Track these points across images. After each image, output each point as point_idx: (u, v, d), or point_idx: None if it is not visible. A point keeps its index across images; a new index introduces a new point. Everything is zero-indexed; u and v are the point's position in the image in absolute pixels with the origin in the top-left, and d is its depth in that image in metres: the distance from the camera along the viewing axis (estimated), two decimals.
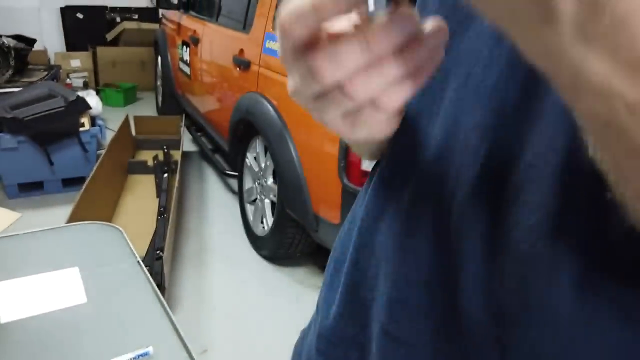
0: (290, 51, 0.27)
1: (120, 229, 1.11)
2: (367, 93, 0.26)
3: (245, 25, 2.55)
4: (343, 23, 0.25)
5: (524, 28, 0.21)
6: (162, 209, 2.48)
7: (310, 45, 0.26)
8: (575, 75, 0.20)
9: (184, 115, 3.76)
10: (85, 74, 5.23)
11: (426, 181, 0.39)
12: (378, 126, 0.34)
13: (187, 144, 3.75)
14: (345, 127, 0.31)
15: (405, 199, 0.41)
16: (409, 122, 0.40)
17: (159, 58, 4.49)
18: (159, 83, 4.69)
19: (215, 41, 3.00)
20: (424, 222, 0.38)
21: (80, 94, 3.06)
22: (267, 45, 2.29)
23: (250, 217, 2.55)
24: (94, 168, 2.45)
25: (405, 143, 0.41)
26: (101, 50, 5.35)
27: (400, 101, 0.28)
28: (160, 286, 1.76)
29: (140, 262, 1.00)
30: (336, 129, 0.32)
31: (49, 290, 0.88)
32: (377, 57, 0.25)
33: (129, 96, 5.24)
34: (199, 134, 3.56)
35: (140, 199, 2.77)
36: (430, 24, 0.28)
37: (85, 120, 2.87)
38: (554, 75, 0.21)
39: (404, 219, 0.41)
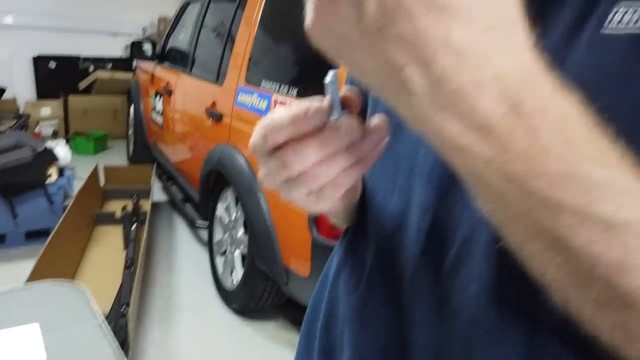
0: (267, 150, 0.33)
1: (84, 287, 1.08)
2: (327, 177, 0.33)
3: (218, 77, 2.60)
4: (306, 127, 0.32)
5: (393, 98, 0.25)
6: (129, 261, 2.42)
7: (281, 144, 0.33)
8: (440, 138, 0.24)
9: (155, 165, 3.74)
10: (56, 122, 5.19)
11: (383, 254, 0.44)
12: (337, 200, 0.39)
13: (158, 193, 3.71)
14: (310, 202, 0.36)
15: (365, 268, 0.46)
16: (370, 197, 0.46)
17: (132, 107, 4.50)
18: (130, 132, 4.68)
19: (189, 92, 3.04)
20: (381, 291, 0.43)
21: (50, 143, 3.03)
22: (239, 99, 2.33)
23: (220, 269, 2.52)
24: (60, 220, 2.39)
25: (367, 217, 0.47)
26: (73, 99, 5.34)
27: (351, 182, 0.34)
28: (125, 344, 1.70)
29: (103, 323, 0.98)
30: (302, 205, 0.37)
31: (8, 348, 0.85)
32: (333, 152, 0.32)
33: (100, 144, 5.20)
34: (169, 183, 3.54)
35: (107, 252, 2.71)
36: (374, 121, 0.33)
37: (52, 171, 2.83)
38: (429, 138, 0.25)
39: (363, 288, 0.45)
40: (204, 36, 3.05)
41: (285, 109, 0.33)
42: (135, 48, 3.79)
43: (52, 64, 5.57)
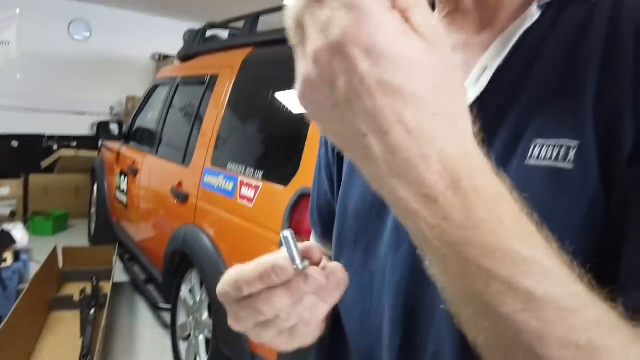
0: (237, 299, 0.38)
1: None
2: (296, 318, 0.38)
3: (185, 158, 2.63)
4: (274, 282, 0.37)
5: (357, 160, 0.29)
6: (85, 350, 2.29)
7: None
8: (393, 200, 0.28)
9: (117, 244, 3.65)
10: (14, 201, 5.05)
11: None
12: (308, 336, 0.43)
13: (119, 274, 3.59)
14: (282, 341, 0.40)
15: None
16: (348, 314, 0.51)
17: (95, 185, 4.45)
18: (93, 210, 4.59)
19: (155, 172, 3.05)
20: None
21: (6, 225, 2.94)
22: (205, 179, 2.35)
23: (183, 354, 2.41)
24: (13, 307, 2.27)
25: (345, 333, 0.52)
26: (34, 178, 5.24)
27: (322, 316, 0.39)
28: None
29: None
30: (275, 344, 0.41)
31: None
32: (300, 297, 0.37)
33: (60, 224, 5.06)
34: (131, 263, 3.45)
35: (63, 340, 2.56)
36: (334, 265, 0.39)
37: (8, 255, 2.73)
38: (387, 199, 0.29)
39: None
40: (172, 117, 3.11)
41: (254, 263, 0.38)
42: (102, 128, 3.82)
43: (15, 143, 5.51)
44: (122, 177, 3.59)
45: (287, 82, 1.62)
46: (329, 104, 0.28)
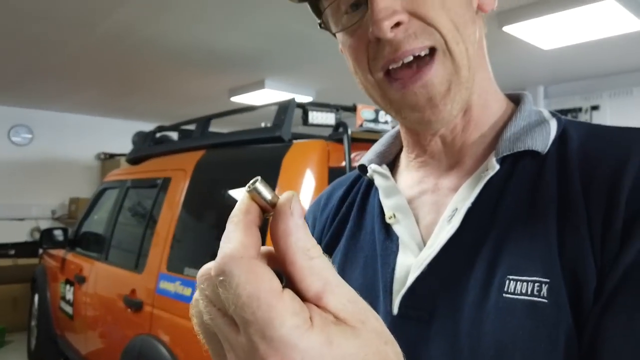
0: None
1: None
2: None
3: (137, 264, 2.54)
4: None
5: None
6: None
7: None
8: None
9: None
10: None
11: None
12: None
13: None
14: None
15: None
16: None
17: (37, 296, 4.17)
18: (33, 323, 4.26)
19: (104, 280, 2.91)
20: None
21: None
22: (161, 286, 2.28)
23: None
24: None
25: None
26: None
27: None
28: None
29: None
30: None
31: None
32: None
33: None
34: None
35: None
36: None
37: None
38: None
39: None
40: (122, 222, 3.03)
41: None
42: (46, 236, 3.65)
43: None
44: (68, 286, 3.40)
45: (241, 183, 1.67)
46: None
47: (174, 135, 3.31)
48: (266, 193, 0.30)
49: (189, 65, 3.96)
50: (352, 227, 0.62)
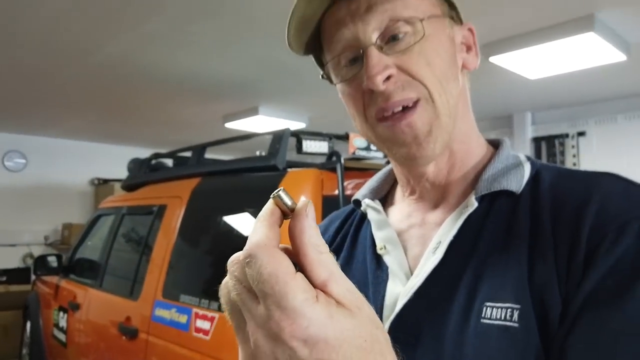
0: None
1: None
2: None
3: (132, 291, 2.55)
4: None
5: None
6: None
7: None
8: None
9: None
10: None
11: None
12: None
13: None
14: None
15: None
16: None
17: (29, 323, 4.14)
18: (24, 352, 4.22)
19: (99, 307, 2.91)
20: None
21: None
22: (156, 313, 2.29)
23: None
24: None
25: None
26: None
27: None
28: None
29: None
30: None
31: None
32: None
33: None
34: None
35: None
36: None
37: None
38: None
39: None
40: (118, 249, 3.05)
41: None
42: (40, 262, 3.64)
43: None
44: (61, 313, 3.39)
45: (237, 211, 1.72)
46: None
47: (169, 162, 3.35)
48: (287, 200, 0.37)
49: (184, 92, 4.04)
50: (346, 256, 0.69)
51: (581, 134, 4.50)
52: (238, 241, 2.03)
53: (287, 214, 0.38)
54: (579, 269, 0.48)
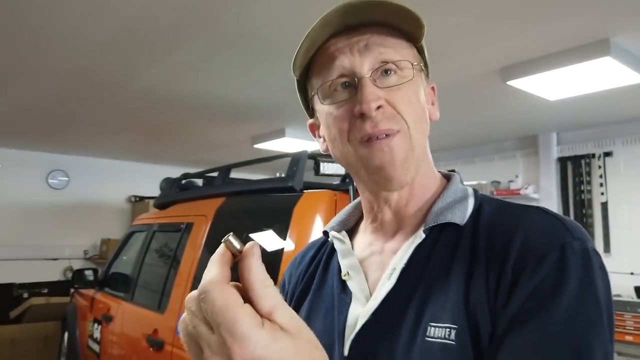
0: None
1: None
2: None
3: (160, 305, 2.69)
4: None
5: None
6: None
7: None
8: None
9: None
10: None
11: None
12: None
13: None
14: None
15: None
16: None
17: (66, 334, 4.35)
18: None
19: (129, 320, 3.06)
20: None
21: None
22: None
23: None
24: None
25: None
26: (1, 329, 5.07)
27: None
28: None
29: None
30: None
31: None
32: None
33: None
34: None
35: None
36: None
37: None
38: None
39: None
40: (148, 264, 3.21)
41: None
42: (77, 276, 3.85)
43: None
44: (96, 324, 3.56)
45: (258, 228, 1.86)
46: None
47: (200, 181, 3.51)
48: (236, 243, 0.43)
49: (215, 116, 4.22)
50: (318, 282, 0.76)
51: (608, 154, 4.43)
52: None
53: (237, 255, 0.43)
54: (505, 295, 0.55)
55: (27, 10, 2.30)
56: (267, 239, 2.19)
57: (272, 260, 1.99)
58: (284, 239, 2.04)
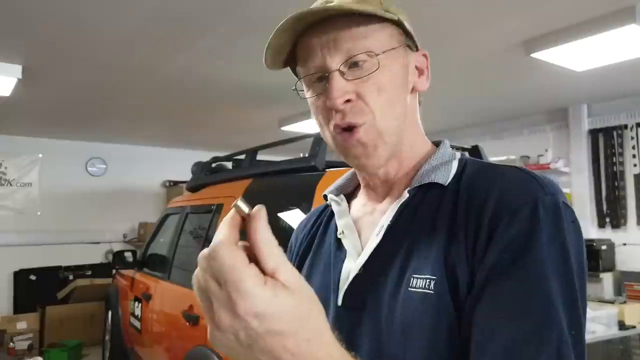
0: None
1: None
2: None
3: None
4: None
5: None
6: None
7: None
8: None
9: None
10: (31, 335, 5.16)
11: None
12: None
13: None
14: None
15: None
16: None
17: (110, 313, 4.58)
18: (107, 338, 4.67)
19: (167, 297, 3.22)
20: None
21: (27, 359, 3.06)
22: None
23: None
24: None
25: None
26: (50, 310, 5.39)
27: None
28: None
29: None
30: None
31: None
32: None
33: (75, 354, 5.11)
34: None
35: None
36: None
37: None
38: None
39: None
40: (182, 244, 3.35)
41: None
42: (117, 257, 4.04)
43: (33, 277, 5.75)
44: (136, 303, 3.74)
45: (283, 207, 1.96)
46: (236, 347, 0.43)
47: (229, 164, 3.61)
48: (244, 207, 0.45)
49: (243, 100, 4.31)
50: (318, 242, 0.83)
51: None
52: (282, 234, 2.22)
53: (246, 219, 0.45)
54: (482, 248, 0.59)
55: (64, 4, 2.42)
56: (294, 217, 2.27)
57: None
58: None
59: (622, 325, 3.07)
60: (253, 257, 0.43)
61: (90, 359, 5.15)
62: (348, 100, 0.67)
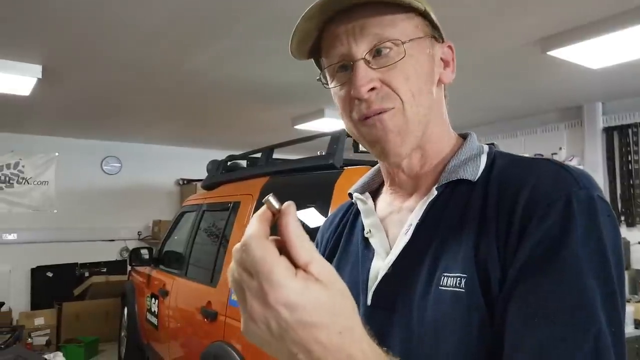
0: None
1: None
2: None
3: (212, 279, 2.85)
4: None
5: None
6: None
7: None
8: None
9: None
10: (48, 331, 5.24)
11: None
12: None
13: None
14: None
15: None
16: None
17: (126, 309, 4.63)
18: (123, 334, 4.72)
19: (184, 294, 3.25)
20: None
21: (47, 355, 3.11)
22: (232, 298, 2.56)
23: None
24: None
25: None
26: (67, 306, 5.46)
27: None
28: None
29: None
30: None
31: None
32: None
33: (91, 350, 5.18)
34: None
35: None
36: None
37: None
38: None
39: None
40: (199, 242, 3.38)
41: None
42: (134, 255, 4.08)
43: (49, 274, 5.83)
44: (153, 299, 3.78)
45: (300, 205, 1.96)
46: (268, 337, 0.43)
47: (244, 162, 3.63)
48: (275, 203, 0.46)
49: (257, 99, 4.34)
50: (345, 240, 0.82)
51: None
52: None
53: (276, 214, 0.46)
54: (514, 243, 0.58)
55: (85, 4, 2.46)
56: (310, 215, 2.28)
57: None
58: (326, 213, 2.13)
59: (638, 324, 3.07)
60: (285, 251, 0.44)
61: (107, 355, 5.22)
62: (373, 89, 0.66)
